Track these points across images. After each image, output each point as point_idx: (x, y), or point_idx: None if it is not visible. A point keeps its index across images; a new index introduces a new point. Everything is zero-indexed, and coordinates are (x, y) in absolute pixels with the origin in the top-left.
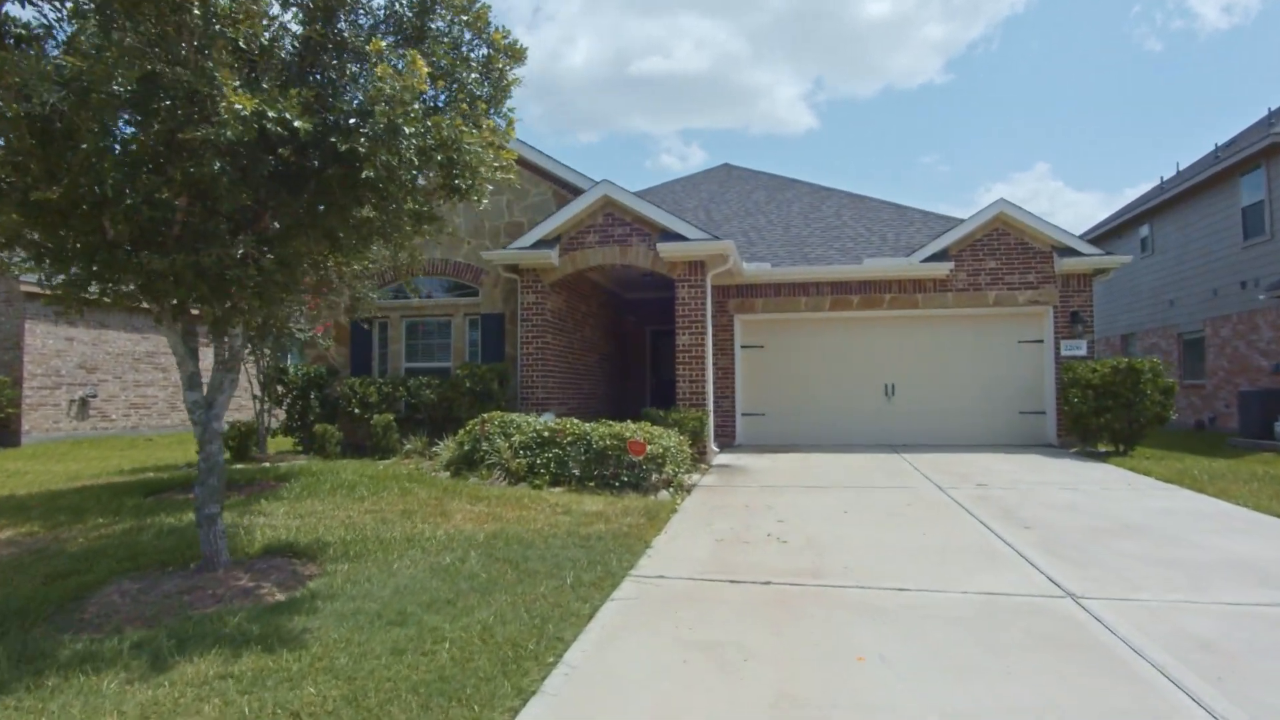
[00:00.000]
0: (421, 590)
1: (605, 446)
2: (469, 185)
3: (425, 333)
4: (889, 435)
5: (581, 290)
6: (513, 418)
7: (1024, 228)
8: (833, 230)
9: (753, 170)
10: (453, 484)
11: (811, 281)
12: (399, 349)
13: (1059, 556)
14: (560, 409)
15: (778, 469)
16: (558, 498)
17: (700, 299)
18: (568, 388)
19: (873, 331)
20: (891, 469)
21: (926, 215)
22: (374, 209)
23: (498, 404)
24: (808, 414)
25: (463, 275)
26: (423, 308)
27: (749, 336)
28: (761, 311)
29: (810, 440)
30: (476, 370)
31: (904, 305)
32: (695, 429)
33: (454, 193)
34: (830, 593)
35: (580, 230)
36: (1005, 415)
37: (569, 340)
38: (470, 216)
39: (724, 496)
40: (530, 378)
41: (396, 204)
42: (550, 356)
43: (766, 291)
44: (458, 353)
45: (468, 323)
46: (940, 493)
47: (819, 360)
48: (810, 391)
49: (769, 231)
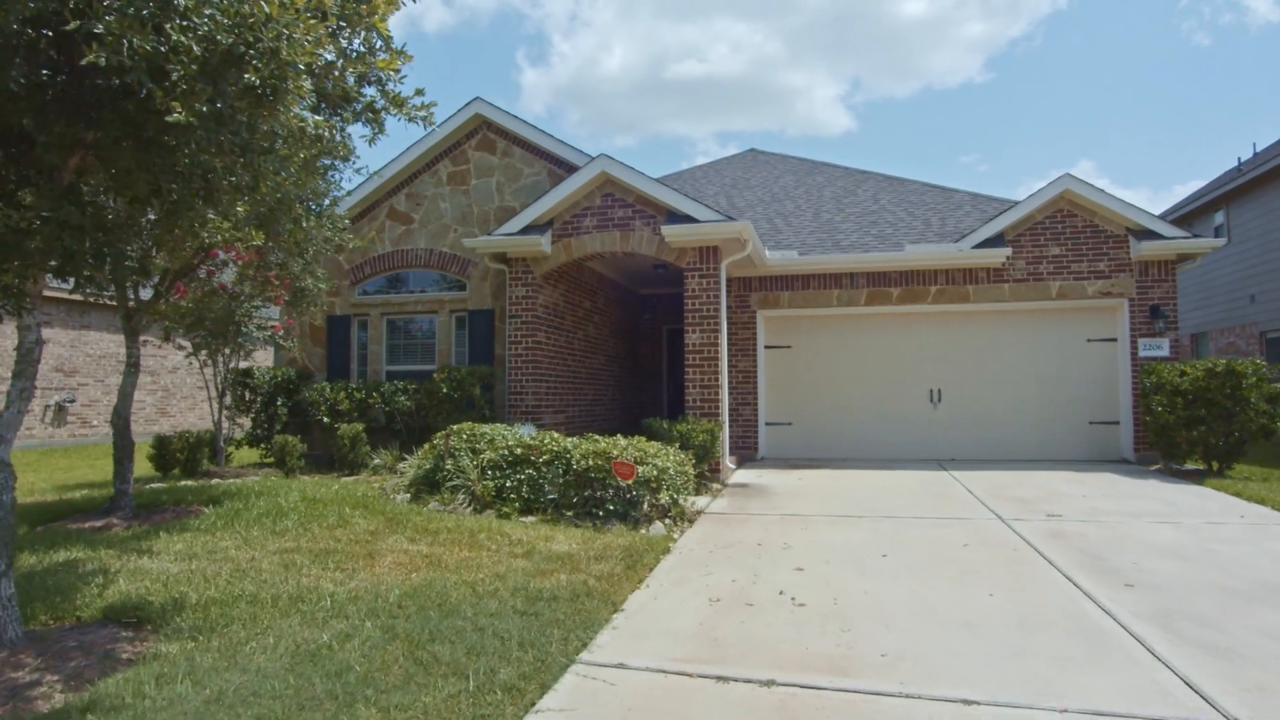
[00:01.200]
0: (248, 701)
1: (587, 467)
2: (271, 81)
3: (408, 331)
4: (935, 448)
5: (584, 283)
6: (484, 430)
7: (1094, 207)
8: (869, 216)
9: (780, 154)
10: (405, 511)
11: (845, 272)
12: (379, 350)
13: (1189, 640)
14: (556, 418)
15: (804, 491)
16: (523, 532)
17: (713, 291)
18: (565, 394)
19: (916, 329)
20: (940, 491)
21: (976, 198)
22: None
23: (481, 413)
24: (841, 423)
25: (448, 267)
26: (405, 304)
27: (774, 335)
28: (788, 307)
29: (843, 453)
30: (456, 374)
31: (952, 299)
32: (705, 443)
33: (253, 98)
34: (861, 707)
35: (575, 213)
36: (1070, 425)
37: (567, 340)
38: (457, 201)
39: (733, 530)
40: (519, 382)
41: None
42: (543, 358)
43: (794, 284)
44: (442, 354)
45: (454, 320)
46: (1003, 527)
47: (854, 362)
48: (844, 398)
49: (797, 218)
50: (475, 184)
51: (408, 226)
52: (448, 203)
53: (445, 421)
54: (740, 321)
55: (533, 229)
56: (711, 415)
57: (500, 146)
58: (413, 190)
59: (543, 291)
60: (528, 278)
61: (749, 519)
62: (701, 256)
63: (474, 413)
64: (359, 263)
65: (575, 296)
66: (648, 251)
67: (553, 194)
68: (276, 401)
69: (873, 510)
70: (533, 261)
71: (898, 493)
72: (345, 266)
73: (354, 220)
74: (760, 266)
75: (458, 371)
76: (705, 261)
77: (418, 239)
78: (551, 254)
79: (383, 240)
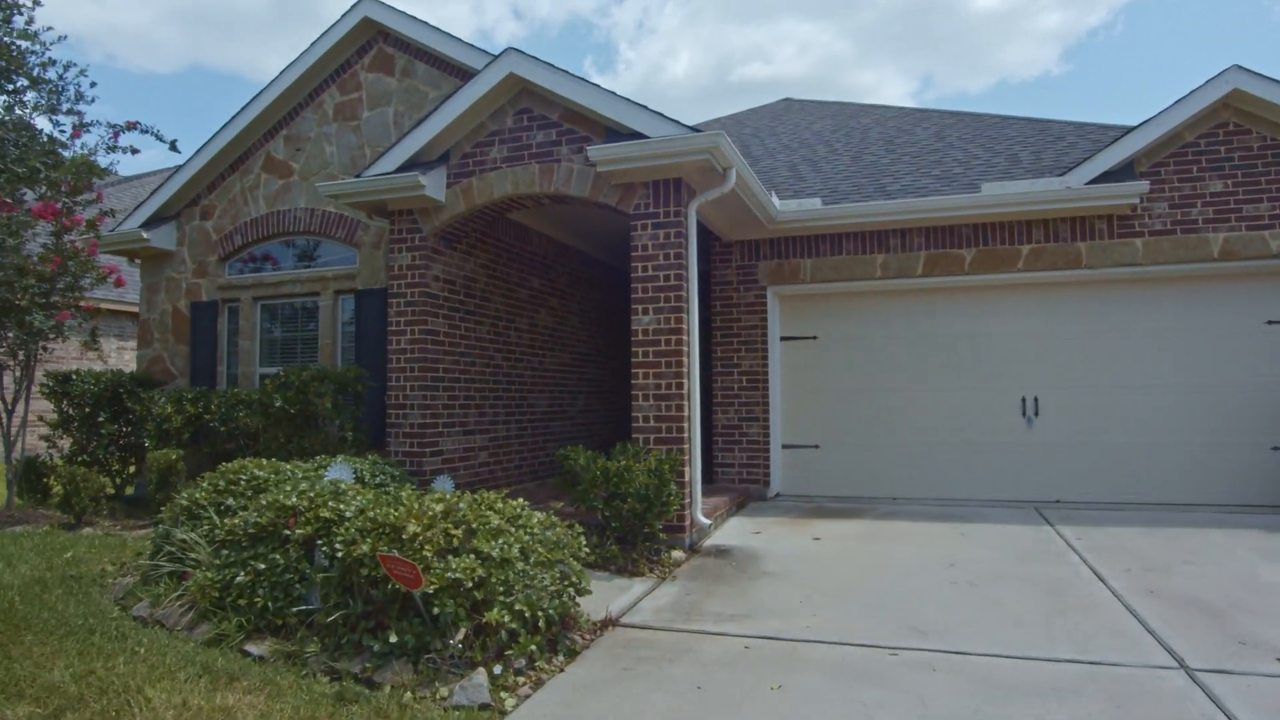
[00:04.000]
0: None
1: (358, 557)
2: None
3: (290, 321)
4: (1027, 484)
5: (527, 253)
6: (260, 475)
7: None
8: (930, 154)
9: (820, 101)
10: (73, 622)
11: (894, 226)
12: (252, 346)
13: None
14: (467, 444)
15: (814, 573)
16: (190, 696)
17: (675, 248)
18: (486, 408)
19: (999, 308)
20: (1050, 578)
21: (1083, 128)
22: None
23: (338, 436)
24: (889, 448)
25: (333, 231)
26: (281, 283)
27: (793, 321)
28: (812, 280)
29: (891, 490)
30: (295, 380)
31: (1054, 262)
32: (650, 489)
33: None
34: None
35: (479, 141)
36: (1240, 452)
37: (492, 330)
38: (346, 142)
39: (633, 691)
40: (401, 391)
41: None
42: (440, 356)
43: (820, 247)
44: (325, 350)
45: (340, 304)
46: (1192, 688)
47: (908, 359)
48: (893, 410)
49: (830, 163)
50: (368, 117)
51: (286, 180)
52: (334, 145)
53: (282, 447)
54: (744, 302)
55: (415, 165)
56: (673, 440)
57: (400, 64)
58: (293, 131)
59: (439, 259)
60: (414, 239)
61: (684, 653)
62: (656, 195)
63: (321, 436)
64: (228, 231)
65: (509, 270)
66: (578, 192)
67: (442, 113)
68: (99, 418)
69: (924, 628)
70: (421, 215)
71: (974, 579)
72: (213, 236)
73: (222, 177)
74: (770, 224)
75: (298, 375)
76: (661, 202)
77: (297, 196)
78: (447, 202)
79: (255, 199)
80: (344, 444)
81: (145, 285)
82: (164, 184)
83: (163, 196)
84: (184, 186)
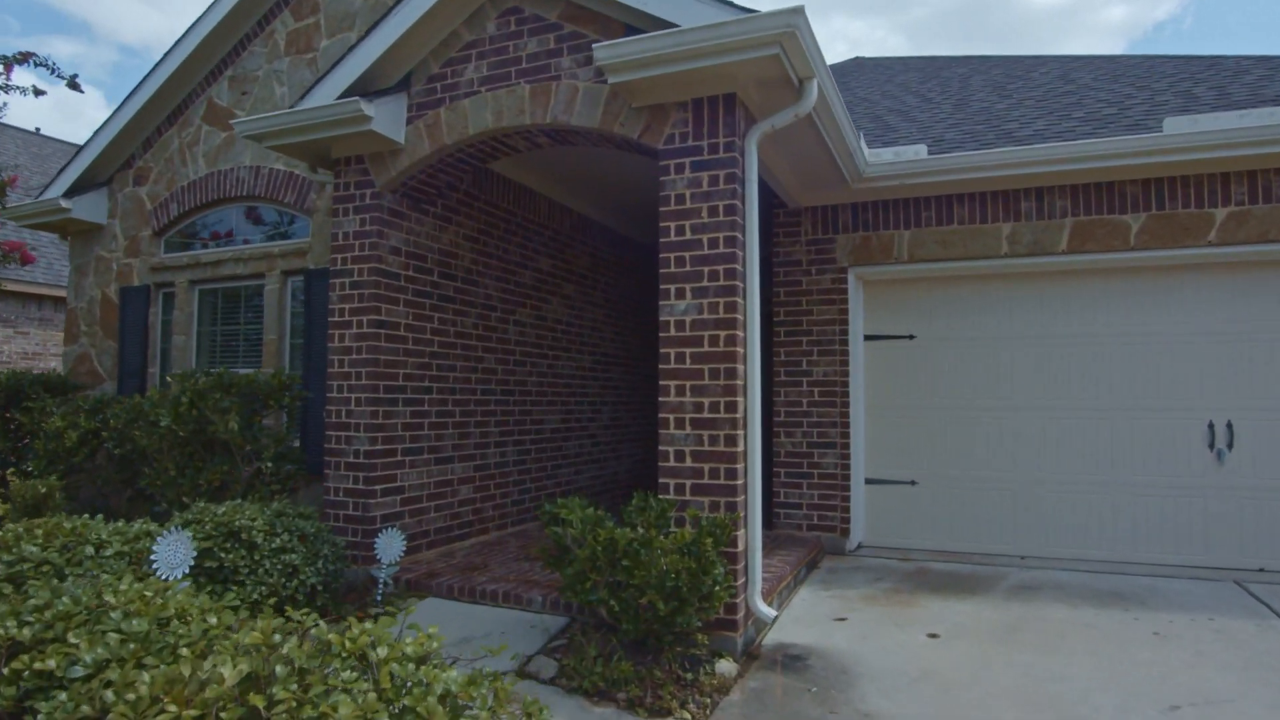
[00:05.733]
0: None
1: None
2: None
3: (230, 310)
4: (1219, 545)
5: (527, 219)
6: (31, 555)
7: None
8: (1060, 97)
9: (897, 57)
10: None
11: (1027, 184)
12: (187, 341)
13: None
14: (448, 482)
15: (949, 701)
16: None
17: (728, 199)
18: (477, 428)
19: (1177, 298)
20: None
21: (1264, 61)
22: None
23: (254, 467)
24: (1011, 485)
25: (281, 195)
26: (221, 262)
27: (881, 315)
28: (909, 259)
29: (1015, 544)
30: (188, 391)
31: (1264, 231)
32: (682, 577)
33: None
34: None
35: (450, 59)
36: None
37: (479, 325)
38: (300, 80)
39: None
40: (343, 408)
41: None
42: (403, 358)
43: (922, 214)
44: (270, 347)
45: (289, 288)
46: None
47: (1039, 365)
48: (1018, 435)
49: (924, 111)
50: (326, 46)
51: (230, 133)
52: (286, 85)
53: (171, 484)
54: (817, 289)
55: (364, 92)
56: (720, 489)
57: None
58: (239, 71)
59: (400, 224)
60: (362, 196)
61: None
62: (697, 120)
63: (224, 469)
64: (164, 198)
65: (506, 245)
66: (585, 121)
67: (399, 15)
68: None
69: None
70: (373, 162)
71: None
72: (148, 205)
73: (159, 131)
74: (855, 180)
75: (190, 383)
76: (706, 130)
77: (241, 152)
78: (407, 143)
79: (195, 158)
80: (259, 480)
81: (73, 267)
82: (91, 140)
83: (88, 156)
84: (114, 143)
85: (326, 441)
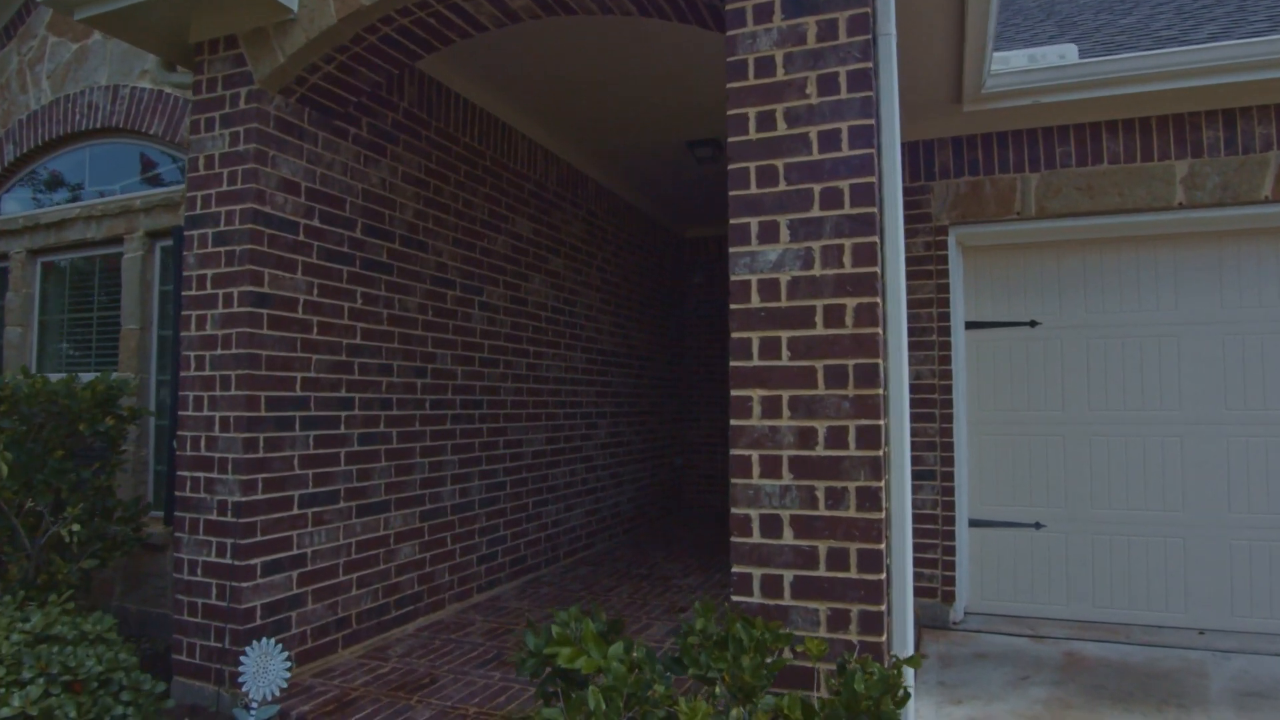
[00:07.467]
0: None
1: None
2: None
3: (82, 289)
4: None
5: (501, 166)
6: None
7: None
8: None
9: None
10: None
11: (1210, 105)
12: (25, 334)
13: None
14: (380, 540)
15: None
16: None
17: (854, 55)
18: (423, 457)
19: None
20: None
21: None
22: None
23: (20, 540)
24: (1188, 529)
25: (147, 124)
26: (65, 224)
27: (991, 292)
28: (1035, 215)
29: (1191, 611)
30: None
31: None
32: None
33: None
34: None
35: None
36: None
37: (427, 306)
38: None
39: None
40: (202, 435)
41: None
42: (302, 354)
43: (1055, 150)
44: (129, 341)
45: (157, 256)
46: None
47: (1220, 365)
48: (1191, 461)
49: (1060, 12)
50: None
51: (83, 43)
52: None
53: None
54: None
55: None
56: (853, 588)
57: None
58: None
59: (298, 147)
60: (235, 97)
61: None
62: None
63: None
64: None
65: (470, 197)
66: None
67: None
68: None
69: None
70: (250, 44)
71: None
72: None
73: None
74: (969, 98)
75: None
76: None
77: (97, 69)
78: (302, 9)
79: (39, 81)
80: (62, 554)
81: None
82: None
83: None
84: None
85: (177, 489)
